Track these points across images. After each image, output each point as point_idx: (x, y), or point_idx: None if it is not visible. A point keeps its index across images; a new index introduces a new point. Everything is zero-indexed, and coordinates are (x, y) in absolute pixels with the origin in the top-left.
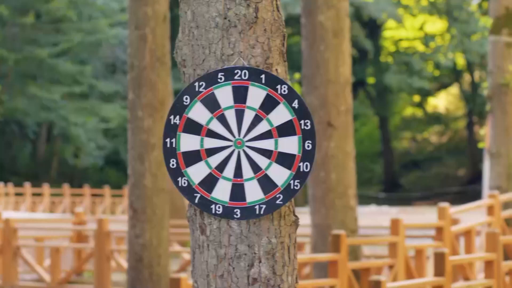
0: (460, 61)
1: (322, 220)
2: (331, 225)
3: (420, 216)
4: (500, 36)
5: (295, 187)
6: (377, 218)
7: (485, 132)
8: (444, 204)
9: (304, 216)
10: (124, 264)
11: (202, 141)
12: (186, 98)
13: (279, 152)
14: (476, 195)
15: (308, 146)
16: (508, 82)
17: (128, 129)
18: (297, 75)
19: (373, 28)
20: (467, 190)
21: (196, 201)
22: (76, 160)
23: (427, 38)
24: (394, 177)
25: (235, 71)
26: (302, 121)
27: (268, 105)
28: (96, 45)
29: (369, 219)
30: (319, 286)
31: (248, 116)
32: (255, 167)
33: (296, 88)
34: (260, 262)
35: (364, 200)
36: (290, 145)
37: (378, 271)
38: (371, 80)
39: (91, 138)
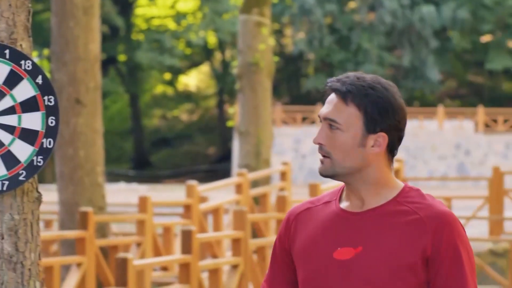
0: (212, 39)
1: (70, 197)
2: (79, 202)
3: (170, 194)
4: (251, 15)
5: (38, 164)
6: (126, 195)
7: (234, 110)
8: (193, 182)
9: (53, 194)
10: None
11: None
12: None
13: (23, 128)
14: (225, 174)
15: (51, 123)
16: (257, 61)
17: None
18: (46, 52)
19: (125, 5)
20: (217, 169)
21: None
22: None
23: (179, 17)
24: (144, 155)
25: None
26: (46, 97)
27: (12, 80)
28: None
29: (118, 197)
30: (67, 263)
31: None
32: None
33: (45, 64)
34: (2, 238)
35: (113, 177)
36: (33, 121)
37: (126, 249)
38: (122, 57)
39: None
